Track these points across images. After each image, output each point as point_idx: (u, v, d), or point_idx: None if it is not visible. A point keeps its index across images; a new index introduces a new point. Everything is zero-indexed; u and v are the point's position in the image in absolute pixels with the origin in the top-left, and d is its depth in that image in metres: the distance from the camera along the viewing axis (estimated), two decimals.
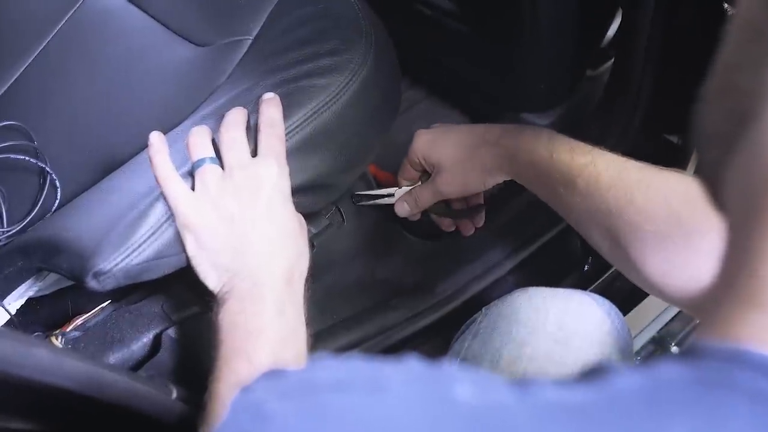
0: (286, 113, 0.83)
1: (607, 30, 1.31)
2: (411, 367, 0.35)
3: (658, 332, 1.49)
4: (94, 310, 0.91)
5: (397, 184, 1.12)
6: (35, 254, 0.83)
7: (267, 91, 0.85)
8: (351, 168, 0.93)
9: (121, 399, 0.69)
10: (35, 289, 0.90)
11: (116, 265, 0.75)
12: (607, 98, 1.21)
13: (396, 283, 1.15)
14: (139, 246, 0.76)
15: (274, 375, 0.36)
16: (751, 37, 0.35)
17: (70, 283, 0.92)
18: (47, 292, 0.93)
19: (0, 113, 1.03)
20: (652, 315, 1.42)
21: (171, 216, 0.78)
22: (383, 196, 1.10)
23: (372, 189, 1.13)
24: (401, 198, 1.07)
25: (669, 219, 0.77)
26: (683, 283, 0.77)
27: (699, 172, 0.41)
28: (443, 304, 1.12)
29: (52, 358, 0.61)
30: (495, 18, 1.22)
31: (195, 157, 0.80)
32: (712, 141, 0.38)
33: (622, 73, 1.13)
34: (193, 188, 0.79)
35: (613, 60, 1.33)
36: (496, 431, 0.31)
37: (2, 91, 1.05)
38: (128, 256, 0.76)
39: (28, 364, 0.59)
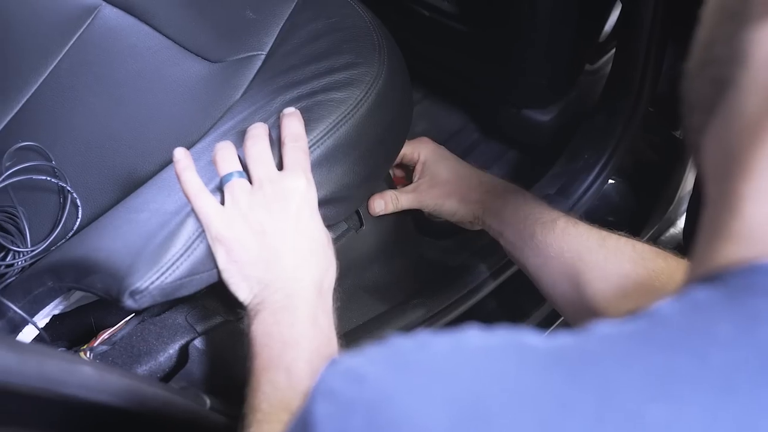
0: (307, 128, 0.85)
1: (605, 23, 1.33)
2: (478, 329, 0.39)
3: None
4: (119, 324, 0.92)
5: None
6: (67, 275, 0.84)
7: (285, 106, 0.86)
8: (371, 178, 0.95)
9: (160, 412, 0.71)
10: (61, 307, 0.91)
11: (152, 283, 0.77)
12: (609, 92, 1.22)
13: (414, 283, 1.16)
14: (173, 264, 0.78)
15: (356, 351, 0.39)
16: (725, 18, 0.40)
17: (93, 299, 0.93)
18: (70, 309, 0.94)
19: (14, 134, 1.04)
20: None
21: (202, 233, 0.79)
22: None
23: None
24: (378, 196, 1.10)
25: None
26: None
27: (685, 138, 0.47)
28: (461, 302, 1.13)
29: (96, 376, 0.63)
30: (494, 16, 1.23)
31: (223, 171, 0.81)
32: (696, 108, 0.42)
33: (624, 66, 1.15)
34: (222, 203, 0.80)
35: (612, 53, 1.36)
36: (577, 362, 0.34)
37: (15, 111, 1.06)
38: (162, 274, 0.77)
39: (74, 382, 0.61)
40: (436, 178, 1.09)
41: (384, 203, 1.09)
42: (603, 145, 1.19)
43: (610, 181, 1.26)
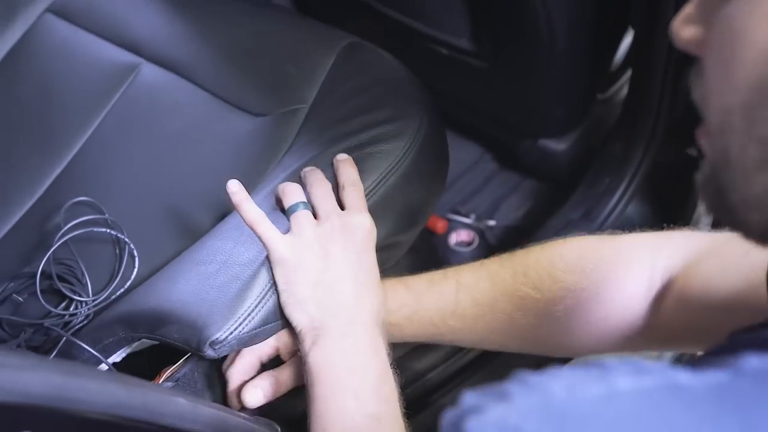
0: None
1: (616, 53, 1.39)
2: (625, 367, 0.38)
3: None
4: (180, 361, 0.95)
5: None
6: (140, 325, 0.88)
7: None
8: (416, 224, 1.01)
9: None
10: (123, 354, 0.94)
11: (230, 334, 0.81)
12: (626, 117, 1.27)
13: None
14: (248, 315, 0.82)
15: (498, 396, 0.37)
16: None
17: (152, 343, 0.97)
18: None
19: (63, 189, 1.08)
20: None
21: (273, 285, 0.83)
22: None
23: None
24: (253, 385, 0.85)
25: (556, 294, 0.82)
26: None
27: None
28: None
29: (189, 407, 0.67)
30: (511, 52, 1.29)
31: (289, 202, 0.84)
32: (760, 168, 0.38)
33: (641, 92, 1.19)
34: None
35: (622, 81, 1.42)
36: (739, 404, 0.34)
37: (62, 167, 1.10)
38: (240, 325, 0.81)
39: (172, 413, 0.65)
40: None
41: (262, 392, 0.85)
42: (623, 170, 1.24)
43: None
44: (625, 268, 0.80)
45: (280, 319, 0.85)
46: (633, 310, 0.80)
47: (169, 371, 0.95)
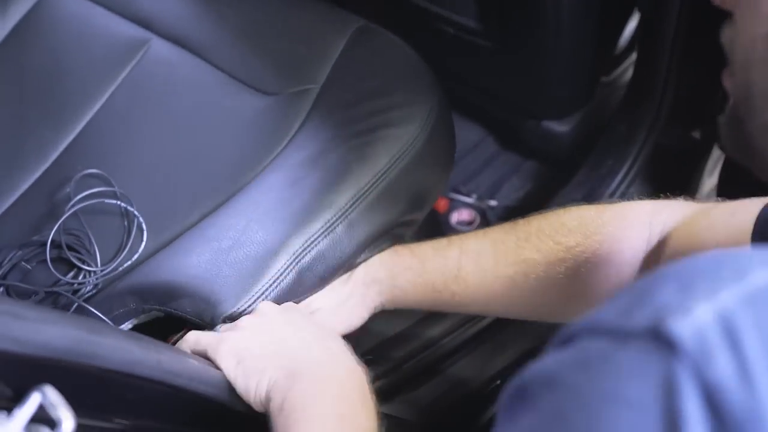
0: (372, 163, 0.92)
1: (621, 36, 1.39)
2: None
3: None
4: (182, 332, 0.96)
5: None
6: (151, 297, 0.89)
7: (351, 140, 0.95)
8: (427, 204, 1.03)
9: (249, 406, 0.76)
10: (129, 326, 0.95)
11: (244, 310, 0.83)
12: (630, 100, 1.28)
13: None
14: (263, 293, 0.84)
15: (701, 294, 0.35)
16: None
17: (158, 315, 0.98)
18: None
19: (72, 160, 1.07)
20: None
21: (290, 266, 0.86)
22: None
23: None
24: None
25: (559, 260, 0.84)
26: None
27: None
28: None
29: (201, 368, 0.68)
30: (519, 32, 1.29)
31: None
32: None
33: (646, 74, 1.20)
34: None
35: (625, 65, 1.42)
36: None
37: (71, 138, 1.09)
38: (254, 302, 0.84)
39: (185, 374, 0.66)
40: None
41: None
42: (626, 151, 1.25)
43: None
44: (623, 230, 0.82)
45: (294, 299, 0.87)
46: (632, 270, 0.81)
47: (174, 338, 0.96)
